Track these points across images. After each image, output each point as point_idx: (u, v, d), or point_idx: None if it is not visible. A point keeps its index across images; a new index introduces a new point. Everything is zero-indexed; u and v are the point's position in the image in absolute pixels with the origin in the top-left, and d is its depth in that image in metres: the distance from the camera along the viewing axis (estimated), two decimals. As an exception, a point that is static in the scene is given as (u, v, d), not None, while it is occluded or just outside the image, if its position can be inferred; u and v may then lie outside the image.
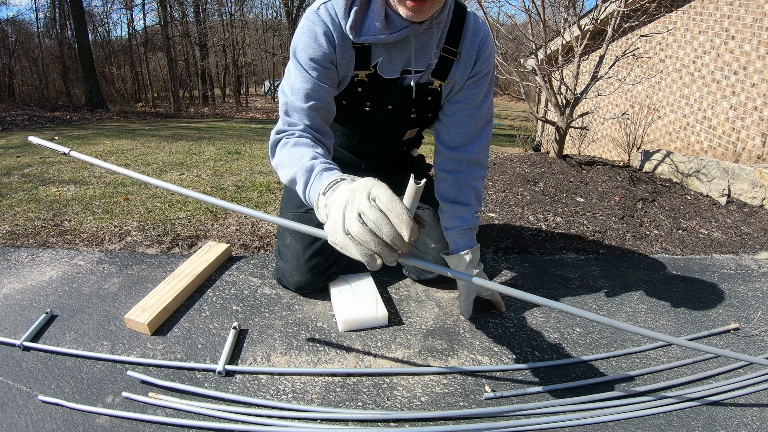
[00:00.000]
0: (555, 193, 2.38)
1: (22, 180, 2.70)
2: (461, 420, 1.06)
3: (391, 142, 1.48)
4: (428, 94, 1.28)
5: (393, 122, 1.36)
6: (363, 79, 1.22)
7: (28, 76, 14.42)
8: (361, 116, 1.33)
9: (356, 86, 1.23)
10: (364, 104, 1.28)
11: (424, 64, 1.21)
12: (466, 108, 1.29)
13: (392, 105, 1.29)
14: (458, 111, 1.30)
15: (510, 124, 13.21)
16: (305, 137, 1.09)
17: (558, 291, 1.60)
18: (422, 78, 1.24)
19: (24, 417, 1.02)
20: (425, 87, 1.26)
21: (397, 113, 1.31)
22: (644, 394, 1.15)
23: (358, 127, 1.41)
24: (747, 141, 4.06)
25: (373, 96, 1.27)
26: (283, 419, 1.04)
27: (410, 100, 1.28)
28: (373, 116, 1.32)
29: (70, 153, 1.19)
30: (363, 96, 1.26)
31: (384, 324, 1.37)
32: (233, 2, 20.34)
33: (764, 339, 1.38)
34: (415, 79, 1.24)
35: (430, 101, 1.30)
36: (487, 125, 1.35)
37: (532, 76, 3.04)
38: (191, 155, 3.55)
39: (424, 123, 1.40)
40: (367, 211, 0.71)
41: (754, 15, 3.97)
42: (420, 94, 1.27)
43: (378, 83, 1.23)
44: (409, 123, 1.37)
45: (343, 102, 1.29)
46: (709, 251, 1.98)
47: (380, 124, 1.36)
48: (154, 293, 1.42)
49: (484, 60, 1.25)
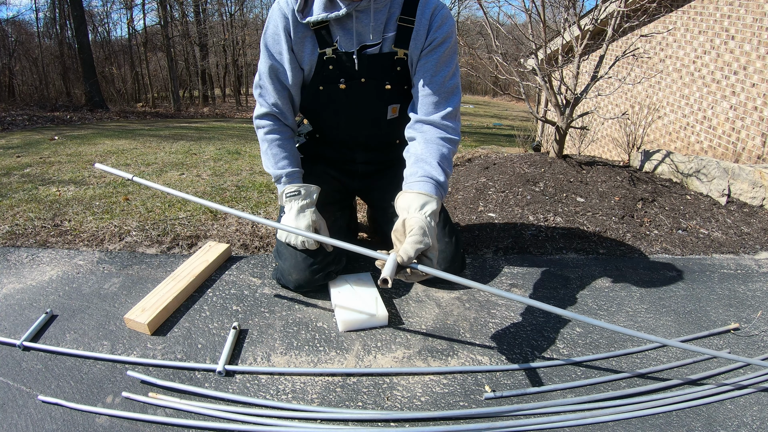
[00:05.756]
0: (555, 193, 2.38)
1: (22, 180, 2.70)
2: (461, 420, 1.06)
3: (377, 121, 1.50)
4: (396, 64, 1.37)
5: (370, 96, 1.42)
6: (331, 56, 1.35)
7: (28, 76, 14.42)
8: (339, 96, 1.41)
9: (327, 64, 1.36)
10: (338, 81, 1.39)
11: (378, 37, 1.33)
12: (426, 76, 1.33)
13: (364, 78, 1.38)
14: (419, 80, 1.34)
15: (510, 124, 13.21)
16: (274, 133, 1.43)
17: (558, 291, 1.60)
18: (384, 47, 1.35)
19: (24, 417, 1.02)
20: (391, 57, 1.36)
21: (371, 85, 1.39)
22: (644, 394, 1.15)
23: (340, 108, 1.46)
24: (747, 141, 4.06)
25: (343, 71, 1.37)
26: (283, 419, 1.04)
27: (380, 71, 1.37)
28: (350, 92, 1.40)
29: (133, 179, 1.32)
30: (335, 73, 1.37)
31: (384, 324, 1.37)
32: (233, 2, 20.34)
33: (764, 339, 1.38)
34: (373, 50, 1.34)
35: (399, 71, 1.38)
36: (454, 94, 1.36)
37: (532, 76, 3.04)
38: (191, 155, 3.55)
39: (402, 97, 1.44)
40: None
41: (754, 15, 3.97)
42: (388, 64, 1.37)
43: (343, 57, 1.35)
44: (386, 96, 1.43)
45: (320, 88, 1.40)
46: (709, 251, 1.98)
47: (359, 99, 1.42)
48: (154, 293, 1.42)
49: (437, 29, 1.32)
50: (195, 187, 2.58)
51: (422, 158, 1.28)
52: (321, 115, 1.53)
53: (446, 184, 1.26)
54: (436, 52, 1.33)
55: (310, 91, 1.43)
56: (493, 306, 1.49)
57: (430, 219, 1.12)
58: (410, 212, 1.13)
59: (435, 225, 1.13)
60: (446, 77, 1.34)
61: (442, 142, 1.31)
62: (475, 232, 2.02)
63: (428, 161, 1.26)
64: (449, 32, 1.33)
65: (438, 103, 1.34)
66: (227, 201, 2.32)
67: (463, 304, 1.49)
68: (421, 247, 1.03)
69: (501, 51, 2.95)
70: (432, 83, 1.33)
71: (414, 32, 1.32)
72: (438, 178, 1.23)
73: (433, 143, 1.30)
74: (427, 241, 1.05)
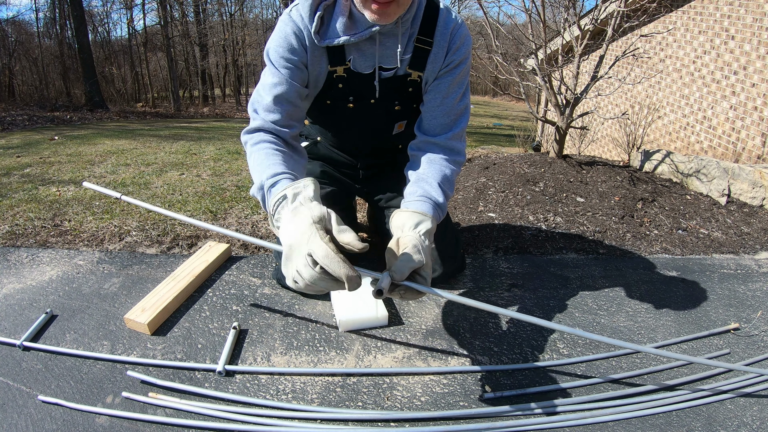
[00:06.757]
0: (555, 193, 2.38)
1: (22, 180, 2.70)
2: (461, 420, 1.06)
3: (382, 136, 1.49)
4: (408, 85, 1.32)
5: (379, 115, 1.38)
6: (342, 75, 1.27)
7: (28, 76, 14.44)
8: (347, 113, 1.36)
9: (336, 82, 1.28)
10: (347, 100, 1.33)
11: (394, 61, 1.26)
12: (437, 97, 1.30)
13: (374, 99, 1.32)
14: (430, 101, 1.31)
15: (510, 124, 13.21)
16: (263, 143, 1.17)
17: (558, 291, 1.60)
18: (399, 71, 1.28)
19: (24, 417, 1.02)
20: (404, 79, 1.30)
21: (380, 106, 1.34)
22: (644, 394, 1.15)
23: (346, 124, 1.43)
24: (747, 141, 4.06)
25: (353, 91, 1.31)
26: (283, 419, 1.04)
27: (392, 93, 1.31)
28: (358, 111, 1.35)
29: (121, 198, 1.30)
30: (344, 92, 1.31)
31: (384, 324, 1.37)
32: (233, 2, 20.34)
33: (764, 339, 1.38)
34: (388, 74, 1.28)
35: (411, 92, 1.34)
36: (463, 116, 1.34)
37: (532, 76, 3.04)
38: (191, 155, 3.55)
39: (410, 114, 1.41)
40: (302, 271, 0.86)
41: (754, 15, 3.97)
42: (400, 86, 1.31)
43: (356, 78, 1.28)
44: (394, 115, 1.40)
45: (327, 102, 1.34)
46: (709, 251, 1.98)
47: (366, 118, 1.38)
48: (154, 293, 1.42)
49: (455, 51, 1.27)
50: (195, 187, 2.58)
51: (423, 178, 1.24)
52: (325, 124, 1.49)
53: (445, 205, 1.21)
54: (451, 74, 1.28)
55: (316, 104, 1.35)
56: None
57: (424, 238, 1.07)
58: (404, 230, 1.09)
59: (429, 244, 1.09)
60: (457, 98, 1.30)
61: (445, 163, 1.28)
62: (475, 232, 2.02)
63: (429, 181, 1.23)
64: (466, 54, 1.29)
65: (446, 125, 1.31)
66: (227, 201, 2.32)
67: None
68: (415, 264, 0.99)
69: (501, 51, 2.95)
70: (443, 105, 1.29)
71: (432, 55, 1.26)
72: (437, 199, 1.18)
73: (437, 163, 1.27)
74: (420, 258, 1.00)
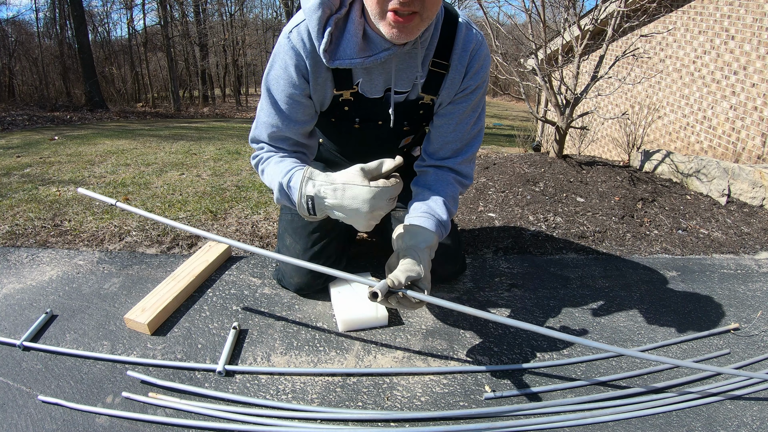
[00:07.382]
0: (555, 193, 2.38)
1: (22, 180, 2.70)
2: (461, 420, 1.06)
3: (388, 151, 1.44)
4: (420, 108, 1.24)
5: (386, 135, 1.33)
6: (348, 98, 1.19)
7: (28, 76, 14.43)
8: (352, 131, 1.30)
9: (342, 105, 1.21)
10: (353, 121, 1.26)
11: (408, 85, 1.17)
12: (450, 123, 1.23)
13: (382, 121, 1.25)
14: (443, 126, 1.24)
15: (510, 124, 13.21)
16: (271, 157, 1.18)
17: (558, 291, 1.60)
18: (411, 95, 1.20)
19: (24, 417, 1.02)
20: (416, 102, 1.22)
21: (388, 128, 1.26)
22: (644, 394, 1.15)
23: (351, 141, 1.40)
24: (747, 141, 4.06)
25: (360, 114, 1.24)
26: (283, 419, 1.04)
27: (401, 116, 1.24)
28: (365, 132, 1.30)
29: (116, 204, 1.30)
30: (351, 114, 1.24)
31: (384, 324, 1.37)
32: (233, 2, 20.35)
33: (764, 339, 1.38)
34: (400, 98, 1.20)
35: (422, 114, 1.27)
36: (475, 140, 1.28)
37: (532, 76, 3.04)
38: (191, 155, 3.55)
39: (418, 131, 1.37)
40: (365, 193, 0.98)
41: (754, 15, 3.97)
42: (411, 109, 1.24)
43: (364, 102, 1.20)
44: (402, 135, 1.35)
45: (332, 120, 1.27)
46: (709, 251, 1.98)
47: (373, 138, 1.34)
48: (154, 293, 1.42)
49: (473, 75, 1.17)
50: (195, 187, 2.58)
51: (428, 194, 1.21)
52: (329, 136, 1.45)
53: (448, 223, 1.20)
54: (467, 99, 1.20)
55: (321, 119, 1.29)
56: (493, 306, 1.49)
57: (424, 251, 1.07)
58: (406, 245, 1.09)
59: (429, 258, 1.08)
60: (471, 123, 1.24)
61: (453, 184, 1.25)
62: (475, 232, 2.02)
63: (434, 199, 1.20)
64: (485, 77, 1.20)
65: (457, 150, 1.26)
66: (227, 201, 2.32)
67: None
68: (413, 275, 1.00)
69: (501, 51, 2.95)
70: (456, 131, 1.23)
71: (448, 79, 1.17)
72: (440, 216, 1.16)
73: (443, 182, 1.24)
74: (419, 270, 1.01)
